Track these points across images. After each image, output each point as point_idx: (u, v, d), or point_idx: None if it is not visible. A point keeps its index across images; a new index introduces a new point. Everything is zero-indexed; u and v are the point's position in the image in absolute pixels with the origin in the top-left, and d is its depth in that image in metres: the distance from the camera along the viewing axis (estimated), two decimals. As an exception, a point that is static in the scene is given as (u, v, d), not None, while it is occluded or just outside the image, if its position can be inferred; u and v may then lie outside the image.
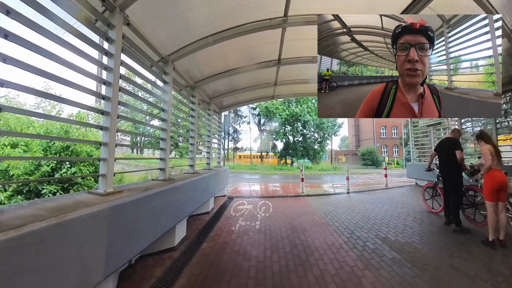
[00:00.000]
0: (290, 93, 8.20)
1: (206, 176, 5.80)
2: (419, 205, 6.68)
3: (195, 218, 5.78)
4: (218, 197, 8.01)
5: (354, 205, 6.71)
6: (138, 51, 3.47)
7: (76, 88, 2.36)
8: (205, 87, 6.52)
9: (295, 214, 5.82)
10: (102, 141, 2.68)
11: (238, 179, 15.80)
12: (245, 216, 5.89)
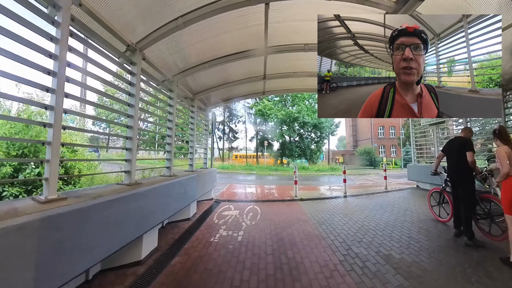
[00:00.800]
0: (282, 88, 7.52)
1: (185, 179, 5.20)
2: (423, 212, 6.04)
3: (173, 226, 5.16)
4: (203, 201, 7.40)
5: (352, 211, 6.04)
6: (93, 35, 3.01)
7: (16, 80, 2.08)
8: (187, 81, 5.90)
9: (284, 223, 5.14)
10: (47, 140, 2.32)
11: (231, 180, 15.12)
12: (228, 224, 5.23)
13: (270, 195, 8.52)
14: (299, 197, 7.86)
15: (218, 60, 4.97)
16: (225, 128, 39.05)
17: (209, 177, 7.31)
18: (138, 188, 3.37)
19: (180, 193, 4.95)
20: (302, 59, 5.33)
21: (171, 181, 4.54)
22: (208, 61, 5.00)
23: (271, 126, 30.34)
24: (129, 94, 3.75)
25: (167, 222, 5.26)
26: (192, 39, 4.21)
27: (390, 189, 9.62)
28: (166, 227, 5.04)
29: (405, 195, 8.32)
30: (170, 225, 5.18)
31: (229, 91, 7.25)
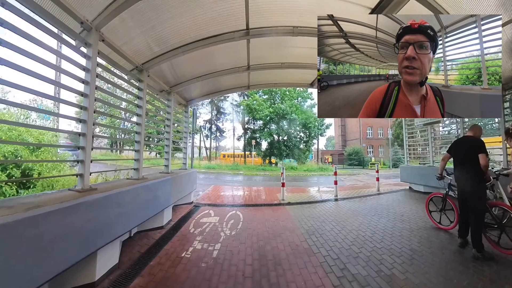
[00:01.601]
0: (268, 82, 6.87)
1: (155, 183, 4.55)
2: (420, 217, 5.53)
3: (142, 236, 4.45)
4: (181, 205, 6.67)
5: (344, 218, 5.45)
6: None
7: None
8: (163, 72, 5.22)
9: (269, 233, 4.48)
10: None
11: (216, 181, 14.38)
12: (205, 234, 4.56)
13: (255, 199, 7.85)
14: (286, 200, 7.23)
15: (195, 44, 4.26)
16: (212, 127, 38.15)
17: (187, 179, 6.59)
18: (90, 195, 2.78)
19: (149, 199, 4.27)
20: (290, 47, 4.71)
21: (137, 185, 3.87)
22: (183, 45, 4.29)
23: (260, 125, 29.65)
24: (83, 82, 3.09)
25: (136, 231, 4.56)
26: (163, 17, 3.51)
27: (382, 191, 9.14)
28: (135, 238, 4.33)
29: (399, 198, 7.83)
30: (139, 235, 4.47)
31: (211, 84, 6.55)
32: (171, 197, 5.31)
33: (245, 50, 4.67)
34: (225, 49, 4.61)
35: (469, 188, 3.71)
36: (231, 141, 39.24)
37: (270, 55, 5.10)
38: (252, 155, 31.69)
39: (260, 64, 5.38)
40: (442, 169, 4.36)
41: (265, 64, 5.38)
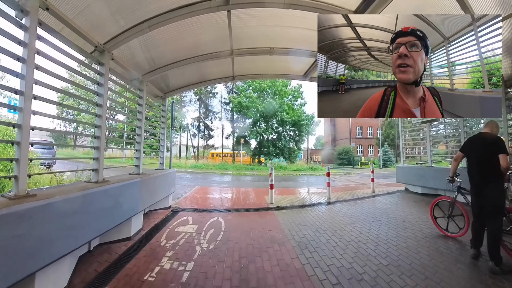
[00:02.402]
0: (256, 72, 6.14)
1: (119, 186, 3.84)
2: (423, 222, 5.02)
3: (104, 250, 3.72)
4: (157, 211, 5.89)
5: (341, 225, 4.79)
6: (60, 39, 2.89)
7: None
8: (132, 56, 4.49)
9: (254, 247, 3.75)
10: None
11: (202, 182, 13.56)
12: (178, 247, 3.82)
13: (240, 202, 7.11)
14: (275, 204, 6.52)
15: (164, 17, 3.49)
16: (200, 125, 37.07)
17: (163, 181, 5.81)
18: (22, 204, 2.16)
19: (109, 206, 3.58)
20: (281, 26, 3.99)
21: (93, 190, 3.17)
22: (149, 18, 3.52)
23: (249, 123, 28.85)
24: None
25: (98, 243, 3.82)
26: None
27: (377, 192, 8.57)
28: (94, 252, 3.59)
29: (397, 200, 7.27)
30: (101, 248, 3.74)
31: (191, 73, 5.79)
32: (141, 202, 4.57)
33: (227, 28, 3.92)
34: (203, 27, 3.89)
35: (489, 193, 3.18)
36: (220, 139, 38.26)
37: (257, 37, 4.38)
38: (240, 154, 30.87)
39: (245, 49, 4.65)
40: (455, 170, 3.78)
41: (251, 49, 4.65)
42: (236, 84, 33.03)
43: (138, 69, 4.96)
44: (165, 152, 6.67)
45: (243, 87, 29.41)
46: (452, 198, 4.15)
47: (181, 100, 35.67)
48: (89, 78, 4.10)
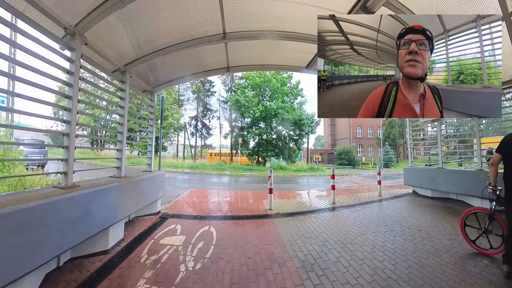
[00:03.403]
0: (253, 62, 5.49)
1: (91, 193, 3.26)
2: (440, 231, 4.50)
3: (76, 265, 3.21)
4: (144, 217, 5.30)
5: (351, 238, 4.16)
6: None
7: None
8: (111, 41, 3.90)
9: (249, 268, 3.11)
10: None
11: (197, 183, 12.92)
12: (159, 266, 3.23)
13: (236, 207, 6.47)
14: (274, 210, 5.90)
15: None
16: (198, 124, 36.40)
17: (150, 185, 5.18)
18: None
19: (75, 217, 2.94)
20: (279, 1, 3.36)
21: (54, 198, 2.62)
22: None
23: (247, 123, 28.17)
24: None
25: (70, 258, 3.32)
26: None
27: (384, 195, 7.96)
28: (64, 269, 3.09)
29: (407, 206, 6.66)
30: (72, 263, 3.23)
31: (180, 63, 5.14)
32: (120, 210, 3.98)
33: (218, 7, 3.29)
34: (191, 7, 3.25)
35: None
36: (218, 139, 37.65)
37: (253, 18, 3.73)
38: (238, 154, 30.20)
39: (240, 32, 4.01)
40: (496, 176, 3.13)
41: (247, 32, 4.01)
42: (234, 82, 32.44)
43: (119, 57, 4.34)
44: (153, 152, 6.04)
45: (242, 85, 28.75)
46: (488, 209, 3.51)
47: (179, 99, 35.02)
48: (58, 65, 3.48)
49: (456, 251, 3.62)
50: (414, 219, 5.28)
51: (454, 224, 4.84)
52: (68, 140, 3.25)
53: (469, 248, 3.68)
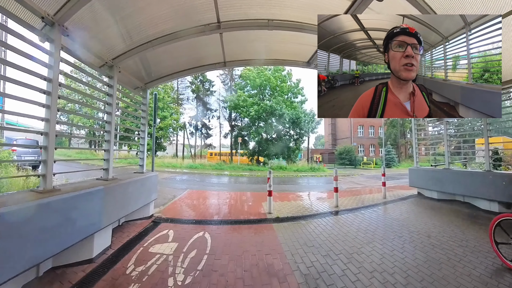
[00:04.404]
0: (250, 57, 5.16)
1: (68, 198, 2.95)
2: (450, 237, 4.19)
3: (58, 275, 2.95)
4: (136, 221, 5.03)
5: (357, 246, 3.82)
6: None
7: None
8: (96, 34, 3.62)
9: (245, 284, 2.77)
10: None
11: (194, 184, 12.60)
12: (146, 279, 2.93)
13: (234, 210, 6.15)
14: (274, 214, 5.57)
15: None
16: (198, 124, 36.04)
17: (141, 187, 4.88)
18: None
19: (52, 225, 2.67)
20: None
21: (26, 204, 2.39)
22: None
23: (247, 122, 27.82)
24: None
25: (51, 267, 3.07)
26: None
27: (388, 197, 7.64)
28: (44, 279, 2.84)
29: (413, 209, 6.33)
30: (53, 273, 2.98)
31: (173, 58, 4.83)
32: (106, 216, 3.71)
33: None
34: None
35: None
36: (218, 138, 37.36)
37: (250, 4, 3.40)
38: (238, 153, 29.86)
39: (236, 21, 3.66)
40: None
41: (244, 21, 3.66)
42: (234, 81, 32.14)
43: (106, 51, 4.02)
44: (145, 152, 5.72)
45: (241, 84, 28.45)
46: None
47: (178, 98, 34.72)
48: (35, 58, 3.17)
49: (469, 260, 3.32)
50: (422, 224, 4.95)
51: (464, 229, 4.62)
52: (47, 140, 2.98)
53: (484, 259, 3.33)
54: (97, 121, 26.65)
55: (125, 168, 8.20)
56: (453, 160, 8.91)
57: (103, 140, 4.31)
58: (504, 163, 9.18)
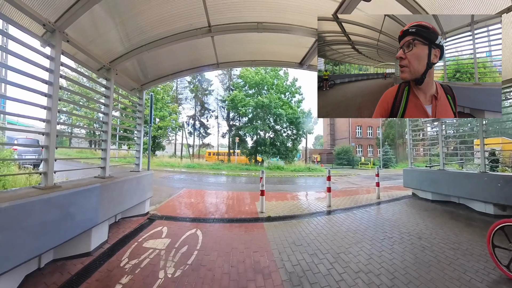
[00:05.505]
0: (243, 58, 5.24)
1: (68, 194, 3.11)
2: (442, 239, 4.21)
3: (57, 267, 3.10)
4: (132, 218, 5.15)
5: (345, 245, 3.91)
6: None
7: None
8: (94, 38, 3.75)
9: (231, 279, 2.86)
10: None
11: (190, 183, 12.66)
12: (138, 271, 3.04)
13: (227, 208, 6.24)
14: (266, 213, 5.65)
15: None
16: (196, 123, 36.12)
17: (136, 186, 4.99)
18: None
19: (52, 219, 2.83)
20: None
21: (28, 199, 2.52)
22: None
23: (245, 121, 27.91)
24: None
25: (52, 259, 3.24)
26: None
27: (382, 198, 7.71)
28: (45, 270, 2.99)
29: (406, 209, 6.40)
30: (54, 265, 3.14)
31: (167, 60, 4.93)
32: (103, 212, 3.82)
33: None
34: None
35: None
36: (216, 138, 37.41)
37: (240, 8, 3.48)
38: (236, 153, 29.93)
39: (226, 25, 3.76)
40: None
41: (234, 25, 3.75)
42: (232, 80, 32.20)
43: (104, 54, 4.13)
44: (141, 151, 5.80)
45: (240, 84, 28.54)
46: None
47: (177, 97, 34.78)
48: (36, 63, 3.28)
49: (460, 263, 3.30)
50: (414, 225, 5.02)
51: (457, 231, 4.60)
52: (48, 140, 3.12)
53: (475, 263, 3.29)
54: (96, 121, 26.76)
55: (123, 167, 8.37)
56: (451, 161, 8.93)
57: (101, 139, 4.41)
58: (501, 164, 9.14)
